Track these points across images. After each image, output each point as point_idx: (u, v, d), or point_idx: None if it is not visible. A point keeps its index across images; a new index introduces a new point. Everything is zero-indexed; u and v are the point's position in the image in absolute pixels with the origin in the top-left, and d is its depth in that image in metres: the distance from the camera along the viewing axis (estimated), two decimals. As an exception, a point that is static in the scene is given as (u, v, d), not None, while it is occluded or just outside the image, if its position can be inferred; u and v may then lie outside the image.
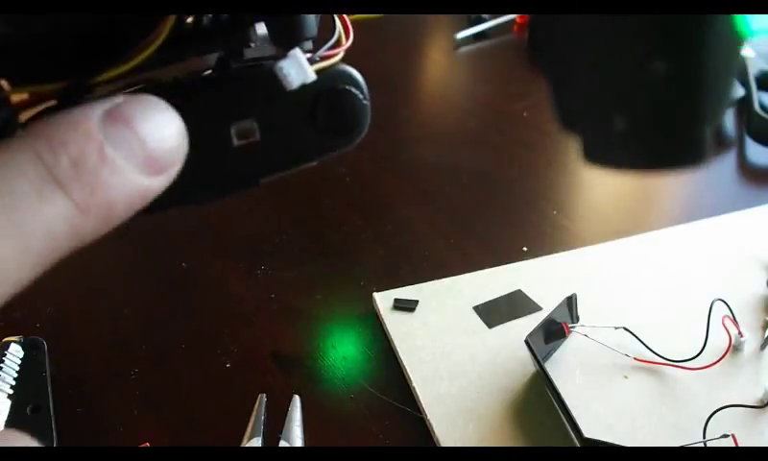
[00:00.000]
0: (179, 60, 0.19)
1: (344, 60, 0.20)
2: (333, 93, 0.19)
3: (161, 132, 0.16)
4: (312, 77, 0.18)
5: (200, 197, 0.19)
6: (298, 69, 0.18)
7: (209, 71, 0.20)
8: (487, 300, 0.43)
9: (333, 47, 0.20)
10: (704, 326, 0.38)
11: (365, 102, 0.20)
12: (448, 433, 0.35)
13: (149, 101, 0.16)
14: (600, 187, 0.58)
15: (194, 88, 0.19)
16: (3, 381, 0.36)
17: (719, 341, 0.38)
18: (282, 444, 0.34)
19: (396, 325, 0.41)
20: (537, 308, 0.42)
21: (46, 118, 0.15)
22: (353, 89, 0.19)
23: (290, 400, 0.36)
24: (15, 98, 0.17)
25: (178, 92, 0.18)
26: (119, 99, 0.16)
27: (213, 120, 0.19)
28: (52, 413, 0.35)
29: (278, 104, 0.19)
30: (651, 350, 0.38)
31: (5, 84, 0.17)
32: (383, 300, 0.43)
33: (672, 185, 0.59)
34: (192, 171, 0.17)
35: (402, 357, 0.39)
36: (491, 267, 0.46)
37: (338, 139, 0.20)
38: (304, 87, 0.18)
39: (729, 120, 0.65)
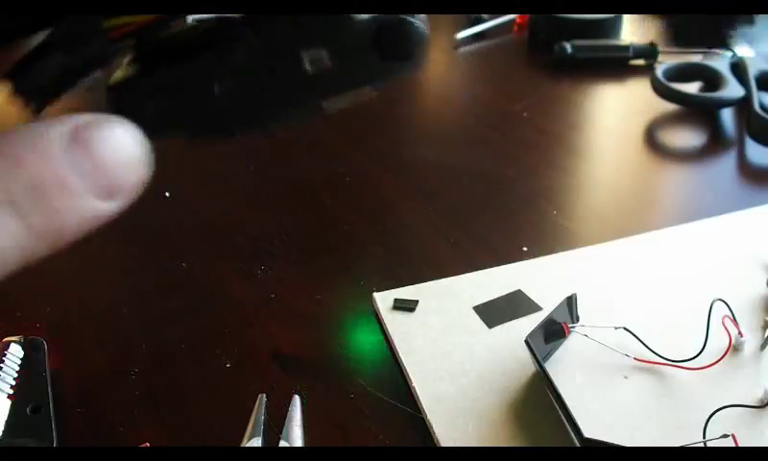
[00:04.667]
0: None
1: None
2: (396, 22, 0.21)
3: (122, 157, 0.16)
4: None
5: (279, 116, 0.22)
6: None
7: None
8: (487, 300, 0.43)
9: None
10: (704, 326, 0.38)
11: (424, 30, 0.22)
12: (448, 433, 0.35)
13: (112, 122, 0.16)
14: (600, 187, 0.58)
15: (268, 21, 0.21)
16: (3, 381, 0.36)
17: (719, 341, 0.38)
18: (282, 444, 0.34)
19: (396, 325, 0.41)
20: (537, 308, 0.42)
21: (8, 132, 0.15)
22: (411, 18, 0.21)
23: (290, 399, 0.36)
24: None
25: (253, 27, 0.20)
26: (82, 118, 0.16)
27: (287, 48, 0.21)
28: (52, 413, 0.35)
29: (345, 33, 0.21)
30: (651, 350, 0.38)
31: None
32: (383, 300, 0.43)
33: (672, 185, 0.59)
34: (271, 96, 0.20)
35: (402, 357, 0.39)
36: (491, 267, 0.46)
37: (399, 65, 0.22)
38: (370, 18, 0.21)
39: (729, 120, 0.65)
